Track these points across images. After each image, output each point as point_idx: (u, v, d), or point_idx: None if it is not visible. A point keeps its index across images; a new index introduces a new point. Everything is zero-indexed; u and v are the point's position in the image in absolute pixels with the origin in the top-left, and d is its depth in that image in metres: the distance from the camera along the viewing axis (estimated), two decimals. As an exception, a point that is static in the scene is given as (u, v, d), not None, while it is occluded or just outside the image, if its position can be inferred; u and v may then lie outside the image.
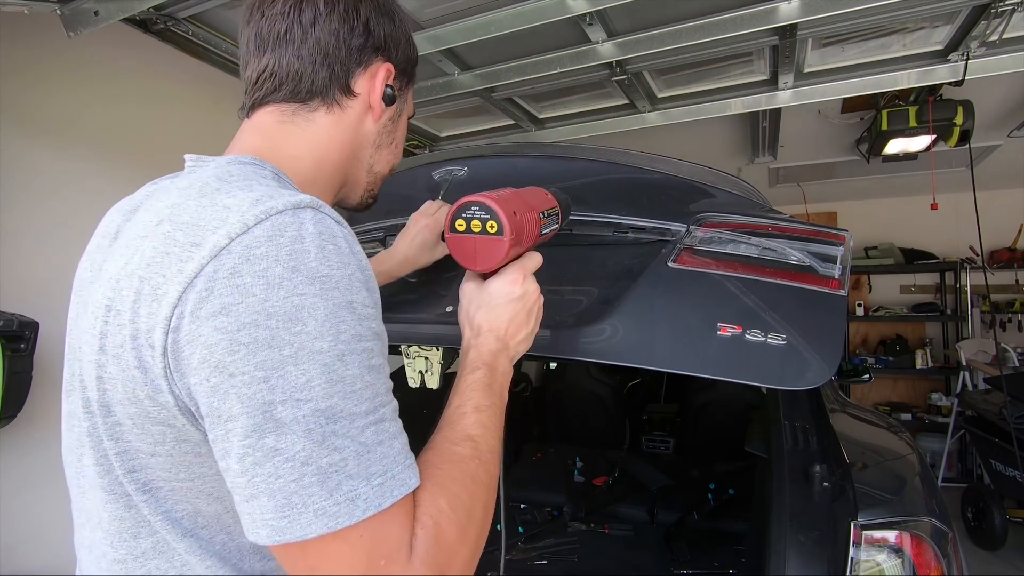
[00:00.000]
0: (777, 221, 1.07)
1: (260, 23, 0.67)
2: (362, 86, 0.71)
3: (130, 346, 0.50)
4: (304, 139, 0.68)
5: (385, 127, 0.76)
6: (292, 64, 0.66)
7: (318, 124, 0.69)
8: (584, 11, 1.73)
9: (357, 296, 0.51)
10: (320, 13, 0.66)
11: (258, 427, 0.45)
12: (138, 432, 0.53)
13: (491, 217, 0.70)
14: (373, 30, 0.70)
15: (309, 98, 0.68)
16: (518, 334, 0.76)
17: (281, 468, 0.45)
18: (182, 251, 0.49)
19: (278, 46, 0.66)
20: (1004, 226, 4.58)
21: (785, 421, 1.39)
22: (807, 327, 0.82)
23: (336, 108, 0.69)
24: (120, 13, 1.64)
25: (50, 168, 1.90)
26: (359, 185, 0.77)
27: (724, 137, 3.43)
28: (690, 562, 2.05)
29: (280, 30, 0.66)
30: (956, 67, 2.12)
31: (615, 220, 1.08)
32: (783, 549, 1.09)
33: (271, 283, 0.47)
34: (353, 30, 0.68)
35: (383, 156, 0.78)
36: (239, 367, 0.46)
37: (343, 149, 0.72)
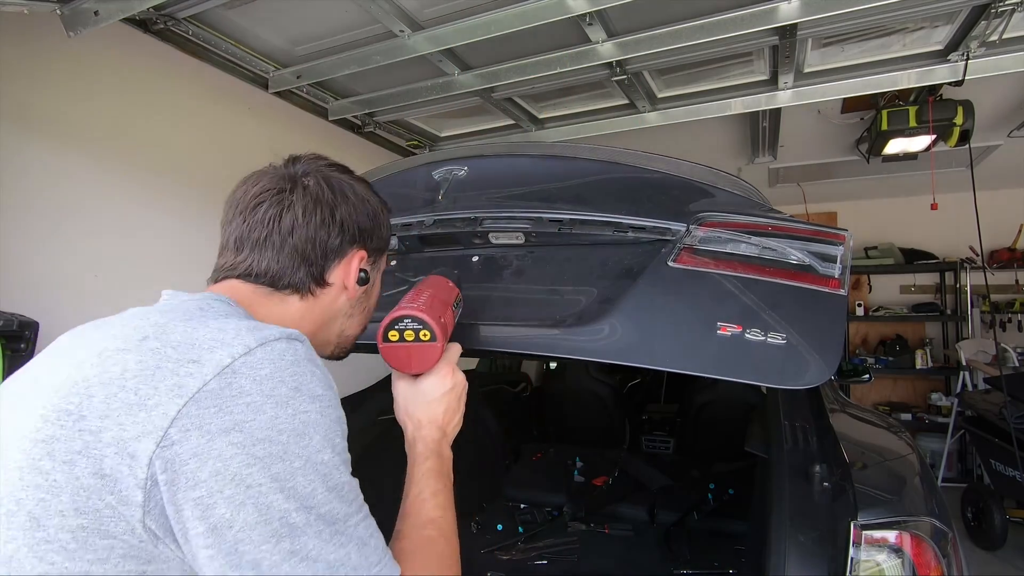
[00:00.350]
0: (777, 221, 1.07)
1: (242, 227, 0.71)
2: (336, 276, 0.76)
3: (86, 455, 0.49)
4: (275, 312, 0.72)
5: (359, 299, 0.81)
6: (271, 266, 0.71)
7: (291, 306, 0.73)
8: (584, 11, 1.73)
9: (340, 413, 0.59)
10: (299, 223, 0.71)
11: (275, 533, 0.49)
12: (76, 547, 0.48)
13: (423, 327, 0.78)
14: (348, 228, 0.75)
15: (283, 289, 0.72)
16: (453, 420, 0.83)
17: (296, 567, 0.50)
18: (177, 367, 0.51)
19: (257, 249, 0.71)
20: (1004, 226, 4.58)
21: (785, 421, 1.39)
22: (807, 326, 0.82)
23: (309, 297, 0.74)
24: (120, 13, 1.64)
25: (50, 168, 1.90)
26: (328, 344, 0.82)
27: (724, 137, 3.43)
28: (690, 562, 2.05)
29: (260, 237, 0.70)
30: (956, 67, 2.12)
31: (615, 219, 1.08)
32: (783, 549, 1.08)
33: (279, 402, 0.52)
34: (329, 233, 0.73)
35: (355, 322, 0.83)
36: (256, 479, 0.49)
37: (313, 323, 0.76)
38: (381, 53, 2.04)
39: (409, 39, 1.95)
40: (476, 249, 1.19)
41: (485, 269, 1.15)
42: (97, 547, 0.48)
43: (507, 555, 2.13)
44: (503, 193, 1.22)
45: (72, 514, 0.48)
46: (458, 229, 1.17)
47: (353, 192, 0.78)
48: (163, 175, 2.28)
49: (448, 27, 1.89)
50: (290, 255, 0.71)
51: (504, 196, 1.21)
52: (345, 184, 0.78)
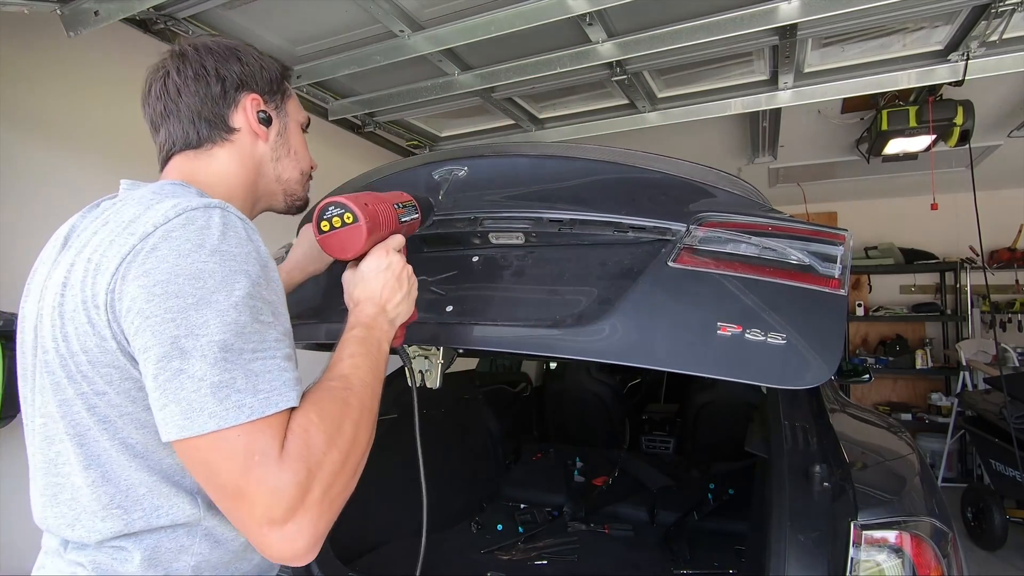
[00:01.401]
0: (777, 221, 1.07)
1: (147, 111, 0.86)
2: (239, 120, 0.87)
3: (81, 309, 0.67)
4: (211, 170, 0.85)
5: (276, 142, 0.92)
6: (178, 129, 0.84)
7: (217, 158, 0.86)
8: (584, 11, 1.73)
9: (251, 268, 0.67)
10: (179, 84, 0.83)
11: (166, 354, 0.61)
12: (92, 375, 0.67)
13: (346, 211, 0.83)
14: (225, 76, 0.85)
15: (200, 144, 0.85)
16: (393, 298, 0.87)
17: (184, 383, 0.61)
18: (120, 238, 0.66)
19: (164, 121, 0.84)
20: (1004, 226, 4.58)
21: (785, 421, 1.39)
22: (807, 326, 0.82)
23: (226, 143, 0.86)
24: (120, 13, 1.64)
25: (50, 167, 1.90)
26: (276, 193, 0.95)
27: (724, 137, 3.43)
28: (690, 562, 2.05)
29: (160, 109, 0.84)
30: (956, 67, 2.12)
31: (615, 219, 1.08)
32: (783, 549, 1.08)
33: (181, 253, 0.64)
34: (209, 84, 0.84)
35: (285, 164, 0.94)
36: (152, 311, 0.62)
37: (246, 170, 0.88)
38: (381, 53, 2.04)
39: (409, 39, 1.95)
40: (476, 249, 1.19)
41: (485, 269, 1.15)
42: (103, 373, 0.67)
43: (507, 555, 2.13)
44: (503, 193, 1.22)
45: (80, 352, 0.67)
46: (458, 229, 1.17)
47: (217, 45, 0.87)
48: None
49: (448, 27, 1.89)
50: (187, 113, 0.83)
51: (504, 196, 1.21)
52: (208, 41, 0.88)
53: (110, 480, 0.68)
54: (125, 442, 0.68)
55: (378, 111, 2.75)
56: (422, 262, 1.21)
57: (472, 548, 2.17)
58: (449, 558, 2.08)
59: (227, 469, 0.60)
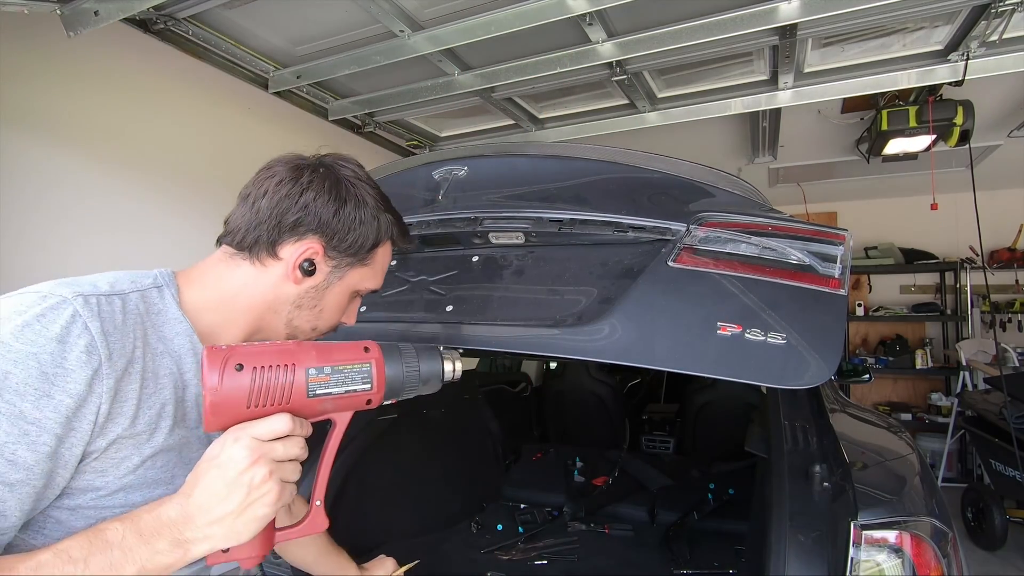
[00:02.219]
0: (777, 220, 1.07)
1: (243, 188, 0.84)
2: (287, 253, 0.82)
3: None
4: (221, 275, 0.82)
5: (308, 292, 0.85)
6: (238, 220, 0.82)
7: (239, 272, 0.82)
8: (584, 11, 1.73)
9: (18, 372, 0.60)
10: (271, 190, 0.81)
11: None
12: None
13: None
14: (310, 212, 0.81)
15: (241, 249, 0.82)
16: (210, 510, 0.60)
17: None
18: None
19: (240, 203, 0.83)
20: (1004, 226, 4.58)
21: (785, 421, 1.39)
22: (807, 326, 0.82)
23: (258, 264, 0.82)
24: (120, 13, 1.64)
25: (50, 167, 1.90)
26: (278, 332, 0.87)
27: (724, 137, 3.43)
28: (690, 562, 2.05)
29: (245, 194, 0.83)
30: (956, 67, 2.12)
31: (615, 219, 1.08)
32: (783, 549, 1.08)
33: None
34: (289, 209, 0.80)
35: (304, 316, 0.86)
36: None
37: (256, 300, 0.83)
38: (381, 53, 2.04)
39: (409, 39, 1.95)
40: (476, 249, 1.19)
41: (485, 269, 1.15)
42: None
43: (507, 555, 2.13)
44: (503, 193, 1.22)
45: None
46: (458, 229, 1.17)
47: (337, 184, 0.83)
48: (163, 175, 2.28)
49: (448, 27, 1.89)
50: (252, 215, 0.81)
51: (504, 196, 1.21)
52: (339, 177, 0.83)
53: None
54: None
55: (378, 111, 2.75)
56: (422, 262, 1.21)
57: (472, 548, 2.17)
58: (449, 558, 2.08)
59: None
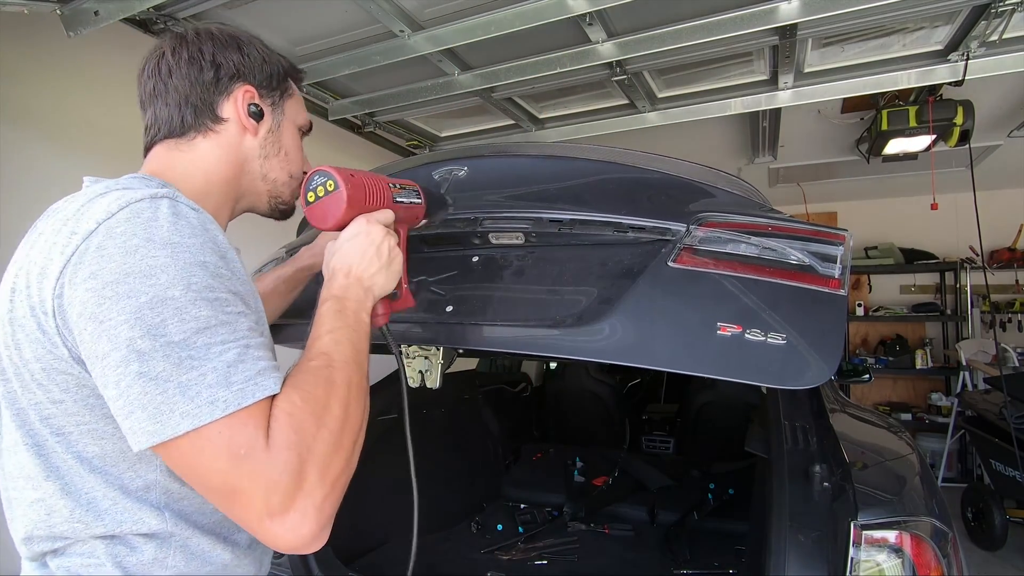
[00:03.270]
0: (777, 221, 1.07)
1: (139, 89, 0.83)
2: (228, 111, 0.83)
3: (30, 315, 0.64)
4: (189, 161, 0.81)
5: (266, 139, 0.87)
6: (163, 112, 0.81)
7: (199, 148, 0.82)
8: (584, 11, 1.73)
9: (208, 258, 0.64)
10: (172, 65, 0.81)
11: (124, 359, 0.58)
12: (47, 383, 0.64)
13: (329, 179, 0.81)
14: (221, 63, 0.82)
15: (184, 132, 0.81)
16: (369, 268, 0.81)
17: (147, 387, 0.57)
18: (64, 239, 0.63)
19: (152, 102, 0.82)
20: (1004, 226, 4.58)
21: (785, 421, 1.39)
22: (807, 327, 0.82)
23: (211, 133, 0.82)
24: (120, 13, 1.64)
25: (50, 168, 1.90)
26: (260, 193, 0.90)
27: (724, 137, 3.43)
28: (690, 562, 2.05)
29: (149, 89, 0.82)
30: (956, 67, 2.12)
31: (615, 219, 1.08)
32: (783, 549, 1.08)
33: (128, 250, 0.60)
34: (202, 69, 0.81)
35: (274, 164, 0.89)
36: (105, 314, 0.59)
37: (228, 164, 0.84)
38: (381, 53, 2.04)
39: (409, 39, 1.95)
40: (476, 249, 1.19)
41: (485, 269, 1.15)
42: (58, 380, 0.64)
43: (507, 555, 2.13)
44: (503, 193, 1.22)
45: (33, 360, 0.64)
46: (458, 229, 1.17)
47: (220, 32, 0.84)
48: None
49: (448, 27, 1.89)
50: (174, 97, 0.80)
51: (504, 196, 1.21)
52: (213, 28, 0.85)
53: (70, 493, 0.65)
54: (81, 456, 0.65)
55: (378, 111, 2.75)
56: (422, 262, 1.21)
57: (472, 548, 2.17)
58: (449, 558, 2.08)
59: (215, 469, 0.58)
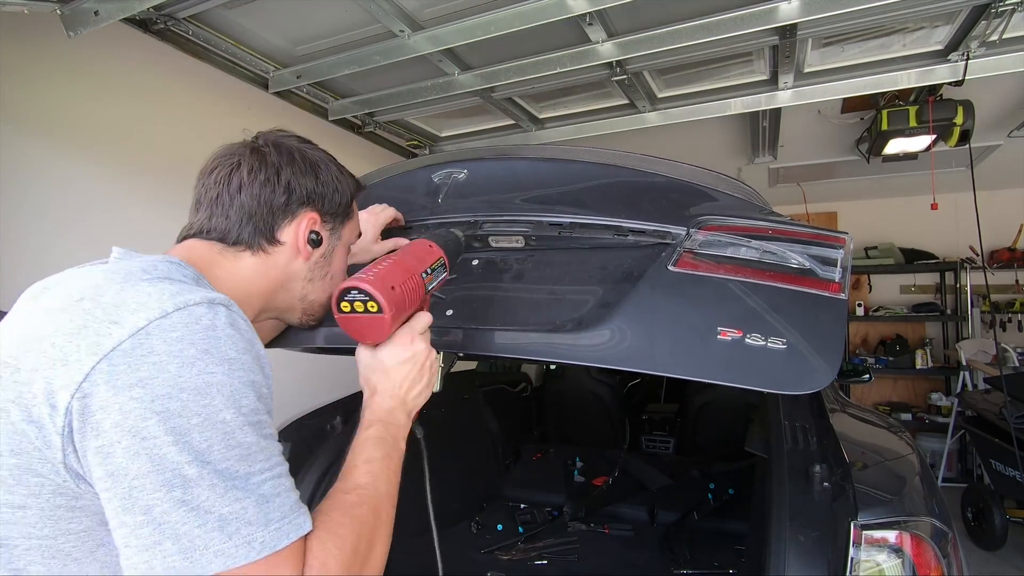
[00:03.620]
0: (777, 224, 1.07)
1: (200, 189, 0.79)
2: (288, 235, 0.81)
3: (18, 403, 0.55)
4: (228, 269, 0.78)
5: (317, 263, 0.85)
6: (220, 222, 0.77)
7: (243, 263, 0.79)
8: (584, 11, 1.73)
9: (257, 378, 0.60)
10: (245, 182, 0.77)
11: (167, 482, 0.52)
12: (13, 483, 0.55)
13: (369, 299, 0.74)
14: (295, 189, 0.80)
15: (235, 245, 0.78)
16: (412, 390, 0.81)
17: (186, 517, 0.52)
18: (100, 327, 0.55)
19: (210, 207, 0.78)
20: (1004, 226, 4.58)
21: (785, 421, 1.39)
22: (808, 331, 0.82)
23: (261, 253, 0.80)
24: (120, 13, 1.64)
25: (50, 168, 1.90)
26: (294, 311, 0.88)
27: (724, 137, 3.42)
28: (690, 562, 2.05)
29: (213, 196, 0.78)
30: (956, 67, 2.12)
31: (615, 223, 1.08)
32: (783, 549, 1.08)
33: (185, 362, 0.55)
34: (274, 193, 0.78)
35: (317, 287, 0.87)
36: (152, 432, 0.52)
37: (268, 284, 0.81)
38: (381, 53, 2.04)
39: (409, 39, 1.95)
40: (476, 253, 1.19)
41: (485, 273, 1.15)
42: (30, 483, 0.55)
43: (507, 555, 2.13)
44: (503, 196, 1.22)
45: (8, 454, 0.55)
46: (458, 232, 1.16)
47: (301, 155, 0.82)
48: (163, 175, 2.28)
49: (448, 27, 1.89)
50: (237, 212, 0.77)
51: (504, 199, 1.21)
52: (295, 149, 0.82)
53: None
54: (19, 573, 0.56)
55: (378, 111, 2.75)
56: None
57: (472, 548, 2.17)
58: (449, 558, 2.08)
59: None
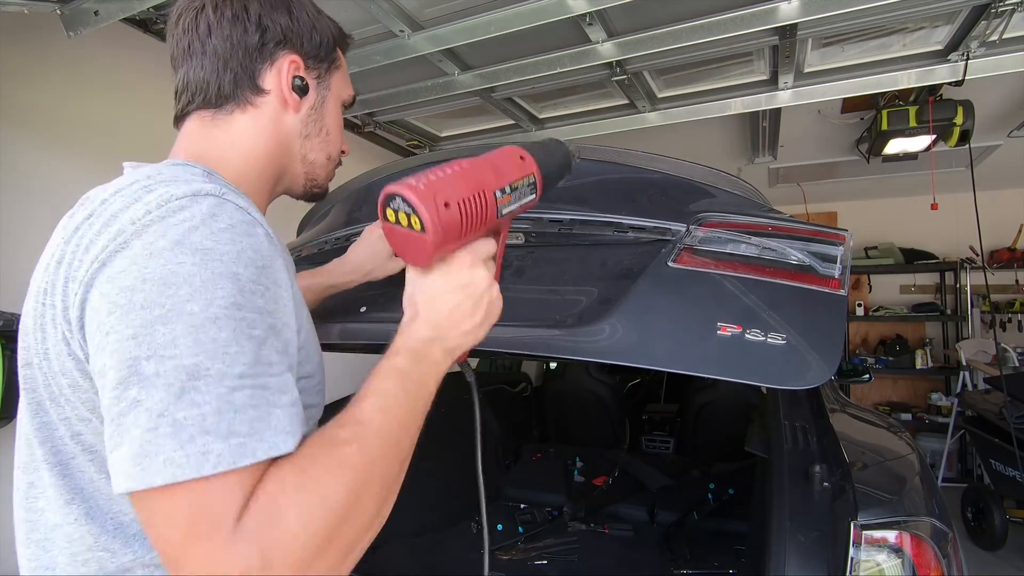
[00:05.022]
0: (777, 221, 1.07)
1: (171, 43, 0.73)
2: (271, 82, 0.73)
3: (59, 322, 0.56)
4: (227, 140, 0.72)
5: (309, 116, 0.77)
6: (198, 75, 0.71)
7: (237, 125, 0.72)
8: (584, 11, 1.73)
9: (243, 271, 0.53)
10: (212, 22, 0.70)
11: (124, 380, 0.48)
12: (74, 399, 0.56)
13: (412, 212, 0.59)
14: (268, 27, 0.72)
15: (221, 103, 0.72)
16: (460, 325, 0.67)
17: (140, 418, 0.47)
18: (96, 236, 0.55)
19: (185, 61, 0.71)
20: (1004, 226, 4.58)
21: (785, 421, 1.39)
22: (807, 327, 0.82)
23: (250, 107, 0.73)
24: (120, 13, 1.64)
25: (50, 168, 1.90)
26: (297, 175, 0.80)
27: (724, 137, 3.43)
28: (690, 562, 2.05)
29: (184, 46, 0.71)
30: (956, 67, 2.12)
31: (615, 220, 1.08)
32: (783, 549, 1.08)
33: (153, 253, 0.51)
34: (246, 31, 0.70)
35: (314, 144, 0.79)
36: (113, 326, 0.50)
37: (268, 144, 0.74)
38: (381, 53, 2.04)
39: (409, 39, 1.95)
40: (476, 249, 1.18)
41: (485, 269, 1.15)
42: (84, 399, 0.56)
43: (507, 555, 2.13)
44: (503, 193, 1.21)
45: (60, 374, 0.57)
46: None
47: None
48: (163, 175, 2.28)
49: (448, 27, 1.89)
50: (212, 60, 0.70)
51: (504, 196, 1.21)
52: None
53: (95, 518, 0.56)
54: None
55: (378, 111, 2.75)
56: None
57: (472, 548, 2.17)
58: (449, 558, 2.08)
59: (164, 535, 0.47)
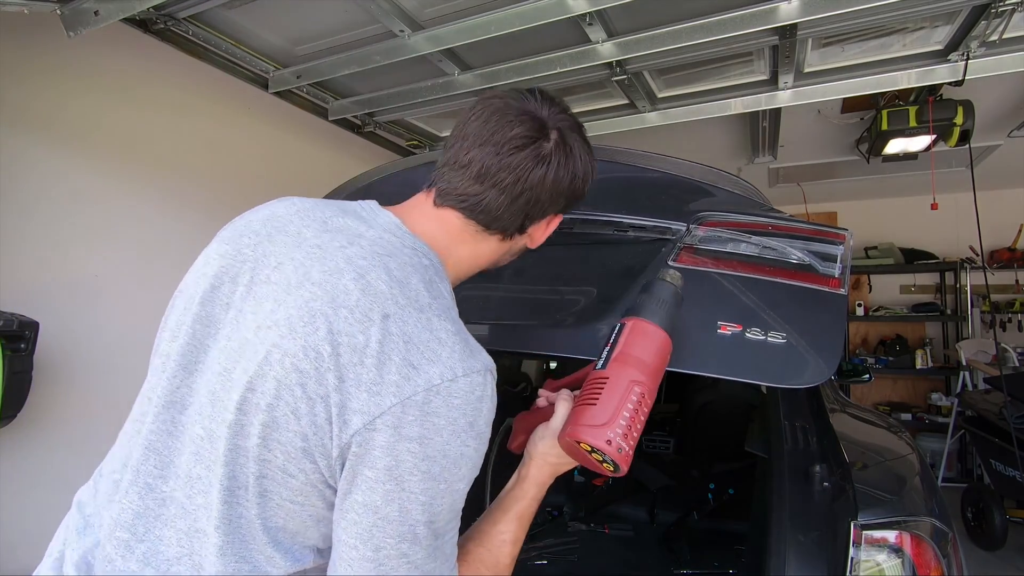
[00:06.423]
0: (777, 220, 1.07)
1: (494, 161, 0.73)
2: (536, 230, 0.82)
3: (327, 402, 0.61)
4: (473, 250, 0.79)
5: None
6: (498, 209, 0.75)
7: (488, 246, 0.80)
8: (584, 11, 1.73)
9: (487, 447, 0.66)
10: (545, 181, 0.75)
11: (402, 534, 0.60)
12: (290, 453, 0.62)
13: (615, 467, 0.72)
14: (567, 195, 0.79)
15: (490, 228, 0.77)
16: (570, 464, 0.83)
17: (399, 567, 0.60)
18: (401, 366, 0.61)
19: (496, 189, 0.74)
20: (1004, 226, 4.58)
21: (785, 421, 1.39)
22: (807, 326, 0.82)
23: (508, 240, 0.81)
24: (120, 13, 1.64)
25: (49, 168, 1.90)
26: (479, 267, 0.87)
27: (724, 137, 3.43)
28: (690, 562, 2.05)
29: (505, 181, 0.73)
30: (956, 67, 2.12)
31: (616, 219, 1.08)
32: (783, 549, 1.08)
33: (455, 431, 0.61)
34: (556, 200, 0.78)
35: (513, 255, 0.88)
36: (411, 487, 0.60)
37: (491, 259, 0.83)
38: (381, 53, 2.04)
39: (409, 39, 1.95)
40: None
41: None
42: (304, 464, 0.62)
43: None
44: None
45: (298, 436, 0.61)
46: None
47: (583, 163, 0.80)
48: (163, 175, 2.28)
49: (448, 27, 1.89)
50: (521, 207, 0.76)
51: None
52: (583, 150, 0.80)
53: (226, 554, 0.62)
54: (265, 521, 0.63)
55: (378, 111, 2.75)
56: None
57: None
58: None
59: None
